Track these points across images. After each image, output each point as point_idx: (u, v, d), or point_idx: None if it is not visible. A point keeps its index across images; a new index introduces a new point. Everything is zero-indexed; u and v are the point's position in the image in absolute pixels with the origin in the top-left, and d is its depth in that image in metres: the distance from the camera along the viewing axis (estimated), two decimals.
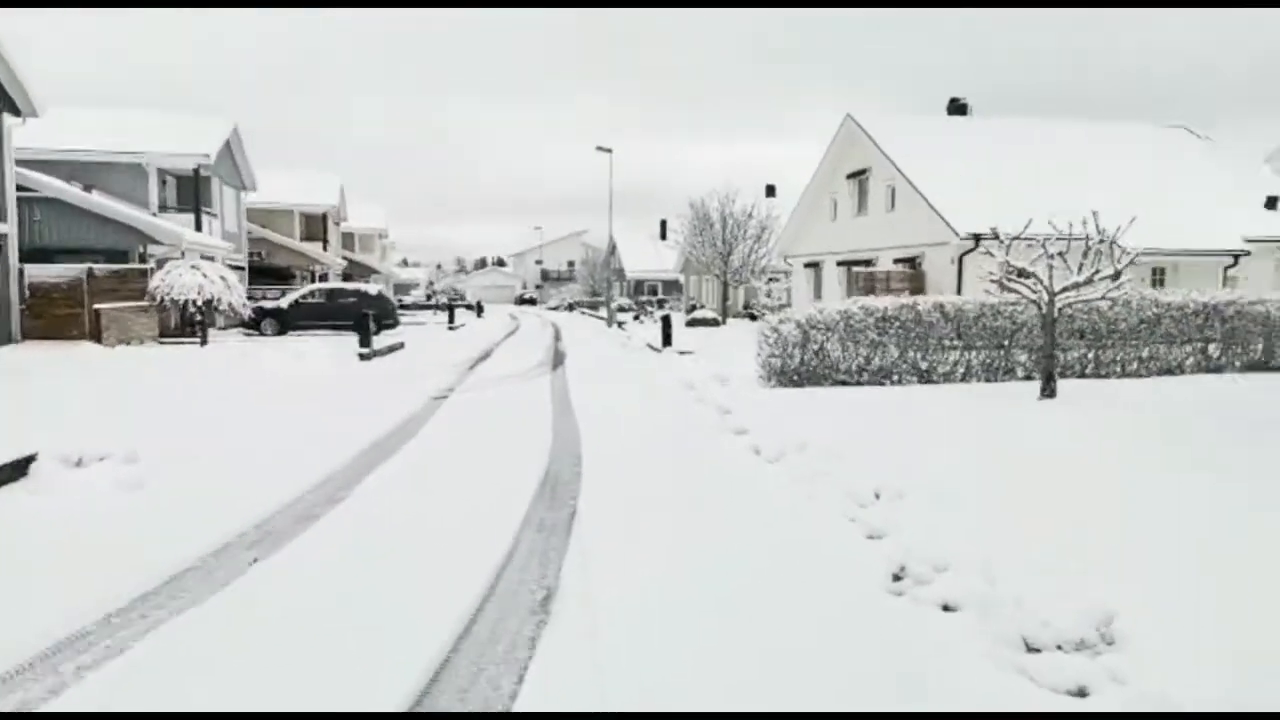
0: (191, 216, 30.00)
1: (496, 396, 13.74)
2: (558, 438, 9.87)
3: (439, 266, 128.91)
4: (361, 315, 19.99)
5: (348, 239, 58.56)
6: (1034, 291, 11.49)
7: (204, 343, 20.27)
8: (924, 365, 14.28)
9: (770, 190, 56.02)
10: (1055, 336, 11.62)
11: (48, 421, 9.15)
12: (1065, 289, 11.25)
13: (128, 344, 20.29)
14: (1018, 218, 24.85)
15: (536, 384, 15.57)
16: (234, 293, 20.16)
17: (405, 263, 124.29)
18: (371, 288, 30.23)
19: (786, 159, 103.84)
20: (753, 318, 46.34)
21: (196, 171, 29.82)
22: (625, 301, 62.10)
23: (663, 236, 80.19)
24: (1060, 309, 11.69)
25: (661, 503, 6.86)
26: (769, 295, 24.95)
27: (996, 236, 11.72)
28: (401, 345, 23.82)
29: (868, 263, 28.65)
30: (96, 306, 19.06)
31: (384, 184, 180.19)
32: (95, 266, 22.33)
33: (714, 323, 35.88)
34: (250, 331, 28.52)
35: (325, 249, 46.29)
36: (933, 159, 26.32)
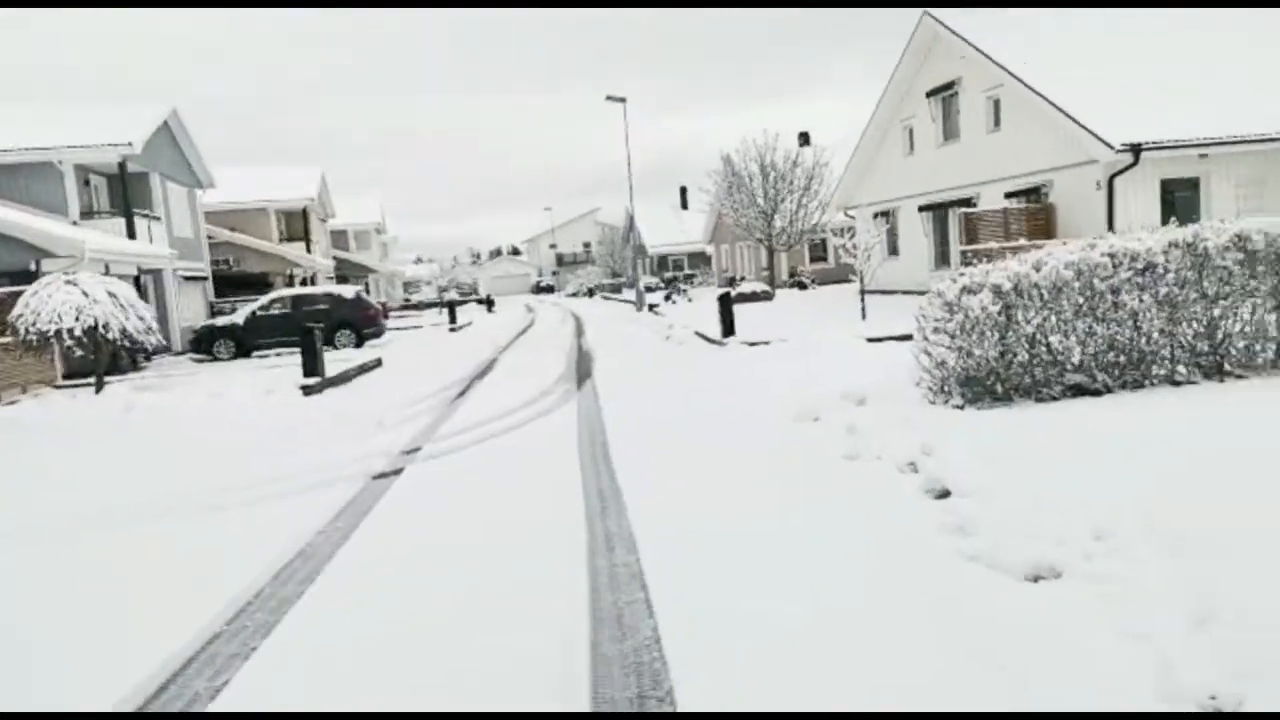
0: (124, 221, 24.46)
1: (485, 465, 7.98)
2: (600, 596, 4.21)
3: (455, 260, 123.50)
4: (306, 331, 14.26)
5: (339, 237, 53.08)
6: None
7: (99, 388, 14.69)
8: (1204, 346, 8.31)
9: (805, 138, 49.63)
10: None
11: None
12: None
13: None
14: (1193, 122, 18.73)
15: (554, 424, 9.79)
16: (130, 315, 14.50)
17: (420, 260, 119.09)
18: (346, 290, 24.55)
19: (810, 120, 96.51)
20: (801, 286, 40.14)
21: (122, 167, 24.20)
22: (651, 280, 56.12)
23: (684, 205, 74.11)
24: None
25: None
26: (849, 249, 18.92)
27: None
28: (377, 363, 18.14)
29: (966, 201, 22.50)
30: None
31: (396, 184, 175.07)
32: None
33: (765, 296, 29.92)
34: (200, 357, 23.05)
35: (309, 249, 40.74)
36: (1050, 57, 20.10)
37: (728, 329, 16.39)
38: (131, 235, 24.21)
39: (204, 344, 22.99)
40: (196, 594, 4.82)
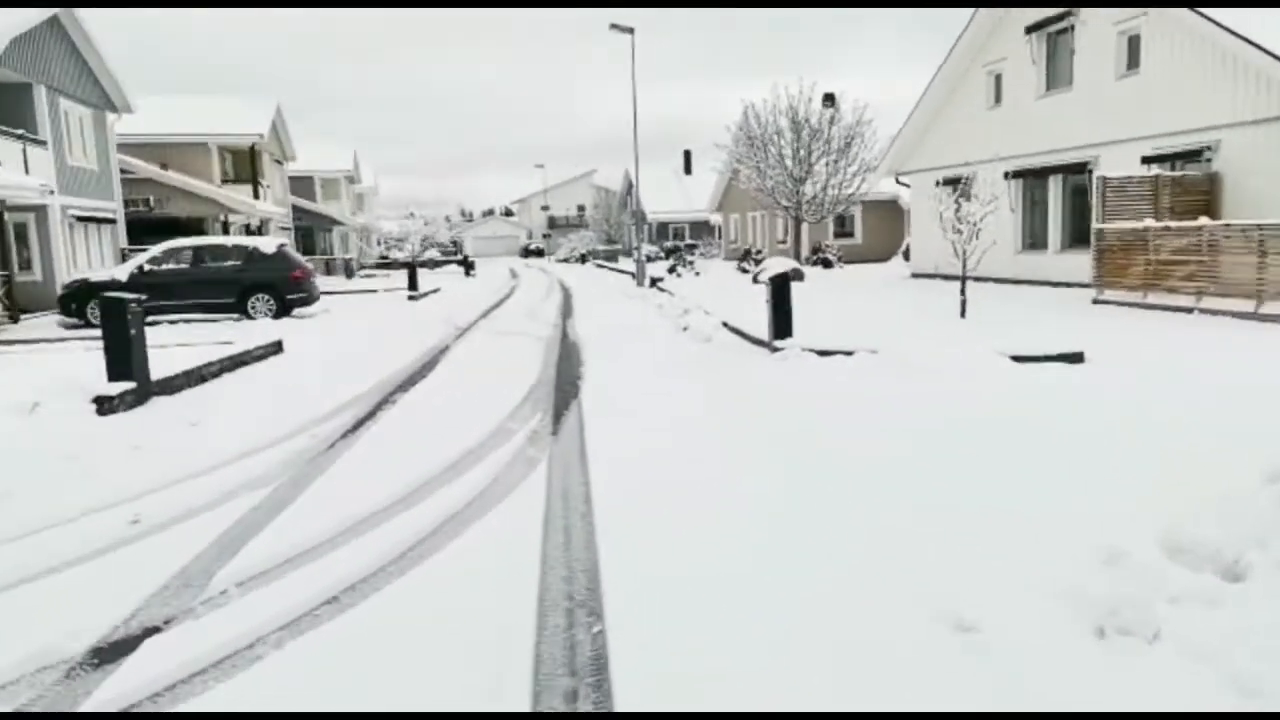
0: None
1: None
2: None
3: (447, 219, 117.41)
4: (112, 304, 8.89)
5: (303, 185, 47.26)
6: None
7: None
8: None
9: (830, 99, 43.82)
10: None
11: None
12: None
13: None
14: None
15: (487, 558, 4.57)
16: None
17: (412, 215, 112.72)
18: (266, 243, 19.09)
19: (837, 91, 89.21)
20: (827, 264, 34.82)
21: None
22: (651, 249, 50.49)
23: (687, 171, 68.09)
24: None
25: None
26: (956, 221, 13.51)
27: None
28: (274, 350, 12.81)
29: (1079, 167, 17.24)
30: None
31: (400, 141, 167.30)
32: None
33: (797, 276, 24.45)
34: (72, 321, 17.65)
35: (258, 194, 35.06)
36: None
37: (782, 327, 11.15)
38: None
39: (74, 304, 17.58)
40: None
